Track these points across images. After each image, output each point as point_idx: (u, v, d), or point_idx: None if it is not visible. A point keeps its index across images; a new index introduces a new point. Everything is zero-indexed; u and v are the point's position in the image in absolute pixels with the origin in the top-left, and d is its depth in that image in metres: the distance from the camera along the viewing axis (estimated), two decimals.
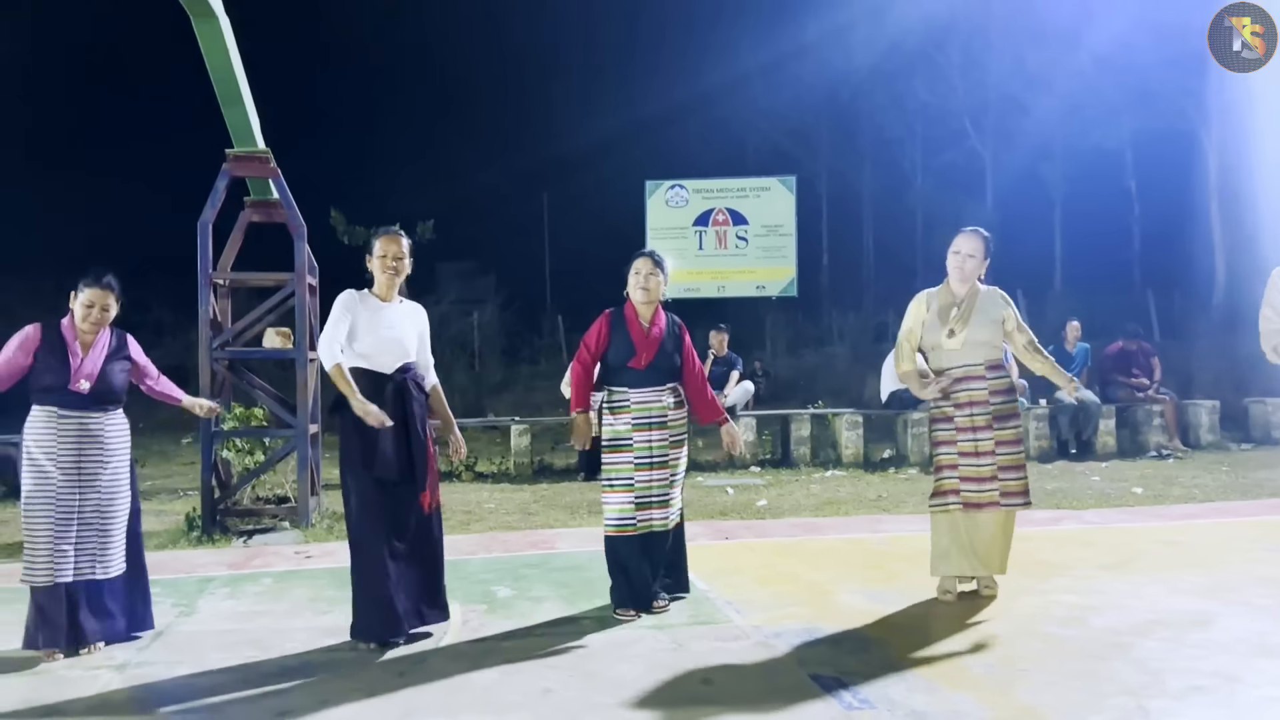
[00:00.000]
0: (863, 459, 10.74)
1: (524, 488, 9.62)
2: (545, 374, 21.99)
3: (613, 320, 4.82)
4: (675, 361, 4.82)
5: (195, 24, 6.43)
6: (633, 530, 4.67)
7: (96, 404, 4.30)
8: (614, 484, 4.72)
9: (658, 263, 4.82)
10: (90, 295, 4.29)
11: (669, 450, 4.73)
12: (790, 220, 16.61)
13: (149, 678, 3.91)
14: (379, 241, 4.46)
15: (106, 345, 4.38)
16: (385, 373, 4.37)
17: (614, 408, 4.77)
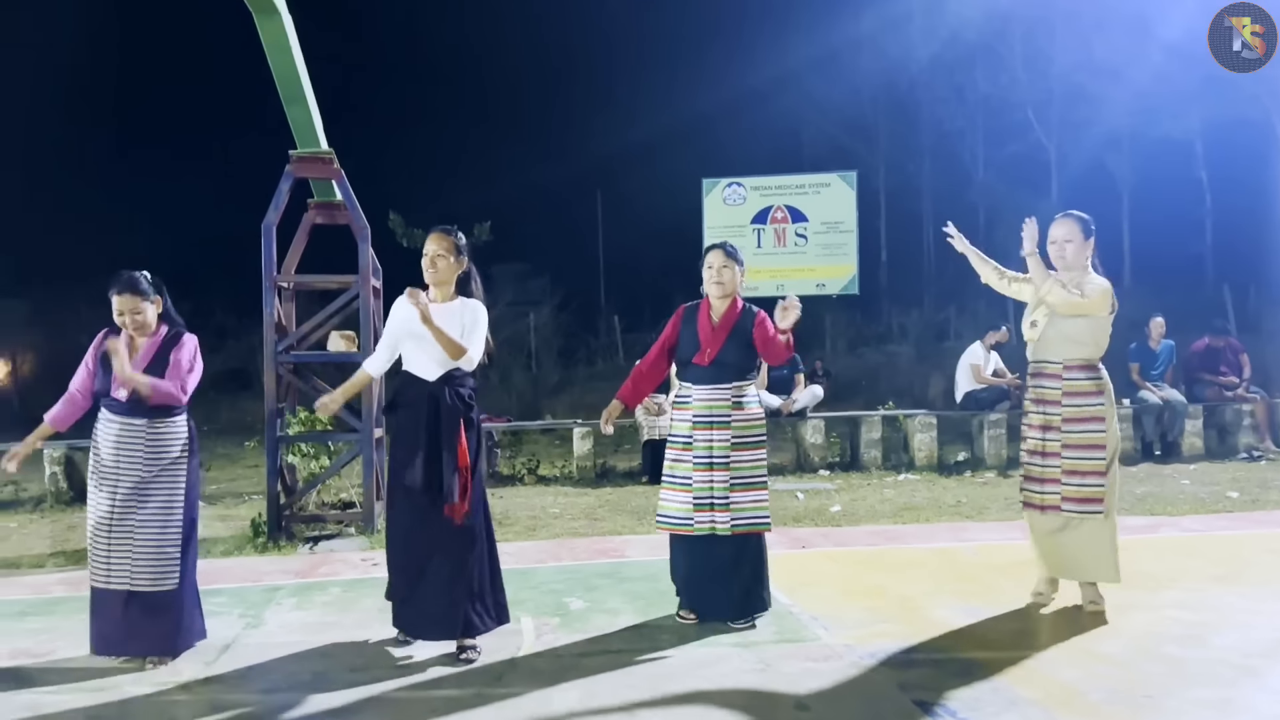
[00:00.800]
0: (936, 462, 10.39)
1: (588, 491, 9.44)
2: (602, 375, 21.87)
3: (686, 314, 4.69)
4: (745, 358, 4.58)
5: (258, 20, 6.34)
6: (690, 530, 4.49)
7: (134, 411, 4.15)
8: (672, 481, 4.58)
9: (730, 254, 4.62)
10: (118, 303, 4.17)
11: (731, 452, 4.50)
12: (851, 216, 16.24)
13: (216, 695, 3.78)
14: (426, 241, 4.35)
15: (154, 351, 4.23)
16: (426, 379, 4.23)
17: (678, 403, 4.66)
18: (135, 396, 4.13)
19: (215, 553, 6.69)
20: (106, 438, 4.17)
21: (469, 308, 4.33)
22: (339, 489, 8.00)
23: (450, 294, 4.35)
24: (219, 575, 5.90)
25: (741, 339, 4.56)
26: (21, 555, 6.82)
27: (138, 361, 4.19)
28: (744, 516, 4.49)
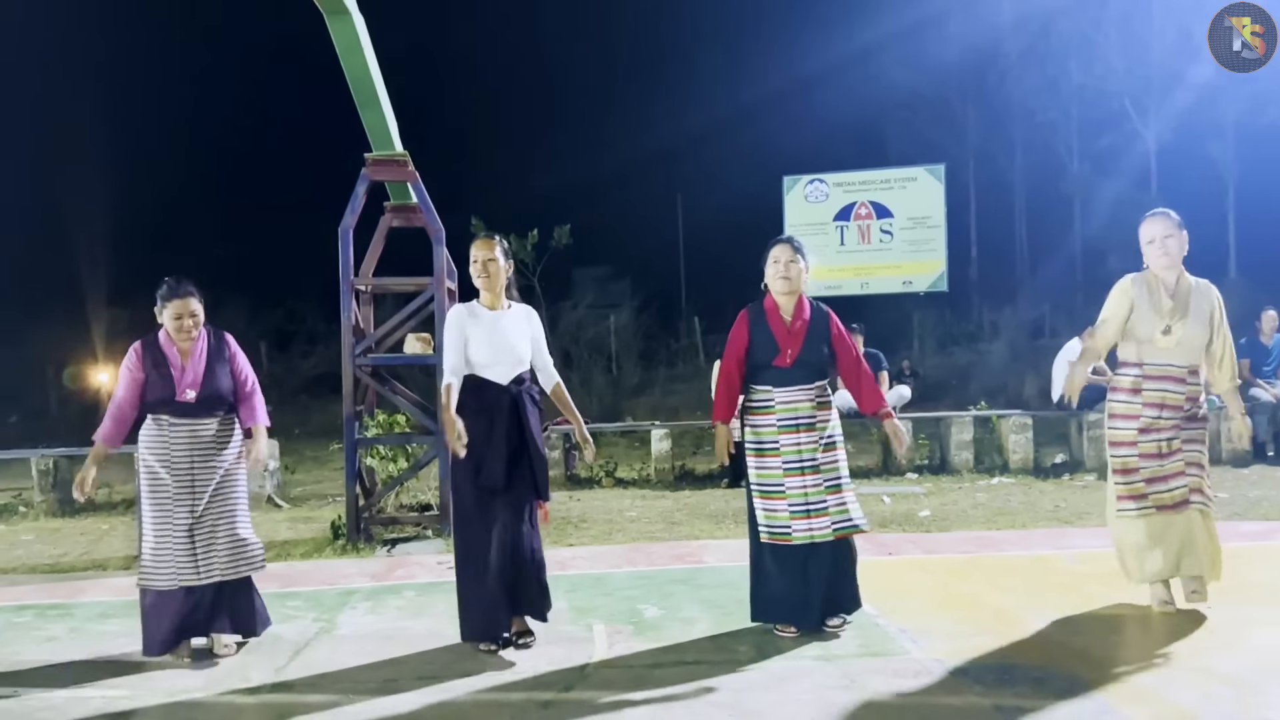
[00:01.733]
0: (1032, 465, 9.95)
1: (666, 495, 9.28)
2: (682, 376, 21.70)
3: (752, 316, 4.44)
4: (823, 358, 4.40)
5: (329, 22, 6.34)
6: (788, 539, 4.26)
7: (205, 410, 4.28)
8: (765, 490, 4.34)
9: (797, 249, 4.41)
10: (176, 307, 4.26)
11: (819, 454, 4.30)
12: (939, 211, 15.75)
13: (283, 701, 3.72)
14: (472, 247, 4.35)
15: (205, 350, 4.33)
16: (501, 383, 4.26)
17: (757, 408, 4.40)
18: (204, 396, 4.23)
19: (295, 555, 6.73)
20: (176, 442, 4.22)
21: (532, 315, 4.45)
22: (417, 491, 7.99)
23: (502, 299, 4.38)
24: (297, 578, 5.91)
25: (819, 338, 4.38)
26: (109, 557, 6.96)
27: (195, 362, 4.27)
28: (843, 519, 4.28)
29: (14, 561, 6.95)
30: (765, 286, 4.45)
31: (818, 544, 4.24)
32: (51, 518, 9.07)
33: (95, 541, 7.72)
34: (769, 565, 4.33)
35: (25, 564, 6.84)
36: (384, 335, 7.44)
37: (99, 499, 9.96)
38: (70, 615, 5.19)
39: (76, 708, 3.69)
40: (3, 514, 9.31)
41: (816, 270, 14.38)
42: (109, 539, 7.84)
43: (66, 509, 9.30)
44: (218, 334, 4.42)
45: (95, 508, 9.53)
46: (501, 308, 4.36)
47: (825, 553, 4.27)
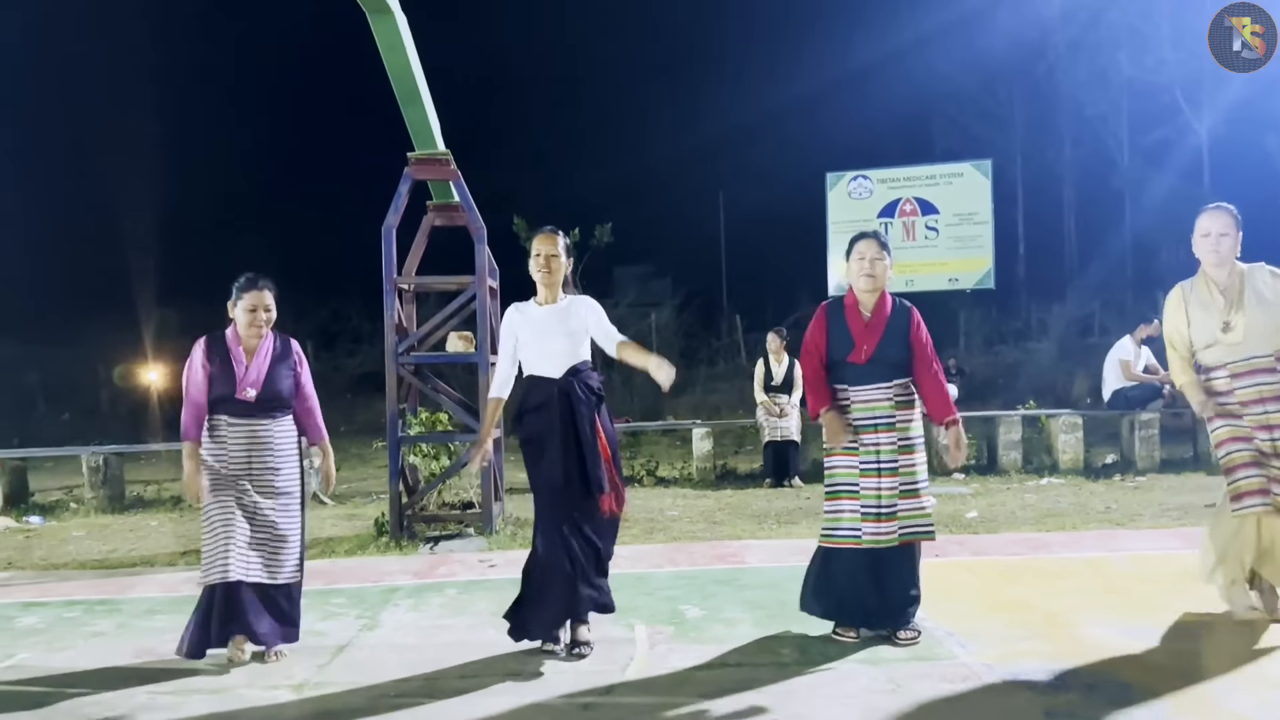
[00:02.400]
0: (1082, 465, 9.75)
1: (707, 494, 9.22)
2: (724, 375, 21.61)
3: (830, 312, 4.34)
4: (904, 354, 4.25)
5: (371, 21, 6.36)
6: (856, 543, 4.16)
7: (263, 410, 4.28)
8: (838, 490, 4.23)
9: (883, 245, 4.29)
10: (251, 299, 4.28)
11: (899, 455, 4.17)
12: (986, 207, 15.47)
13: (326, 699, 3.72)
14: (534, 241, 4.32)
15: (270, 351, 4.33)
16: (553, 377, 4.20)
17: (839, 408, 4.27)
18: (264, 396, 4.24)
19: (339, 552, 6.77)
20: (234, 440, 4.24)
21: (586, 303, 4.35)
22: (459, 489, 8.00)
23: (559, 294, 4.34)
24: (341, 575, 5.94)
25: (898, 335, 4.24)
26: (157, 553, 7.05)
27: (259, 361, 4.27)
28: (910, 525, 4.17)
29: (65, 557, 7.06)
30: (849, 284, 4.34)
31: (885, 548, 4.14)
32: (101, 514, 9.22)
33: (143, 538, 7.83)
34: (833, 566, 4.24)
35: (75, 559, 6.95)
36: (427, 334, 7.47)
37: (147, 496, 10.13)
38: (118, 611, 5.26)
39: (123, 703, 3.72)
40: (54, 510, 9.49)
41: None
42: (157, 535, 7.95)
43: (116, 505, 9.46)
44: (284, 339, 4.42)
45: (144, 504, 9.69)
46: (556, 302, 4.30)
47: (892, 557, 4.17)
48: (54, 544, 7.67)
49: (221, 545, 4.14)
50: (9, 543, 7.78)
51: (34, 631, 4.82)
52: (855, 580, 4.17)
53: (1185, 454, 10.41)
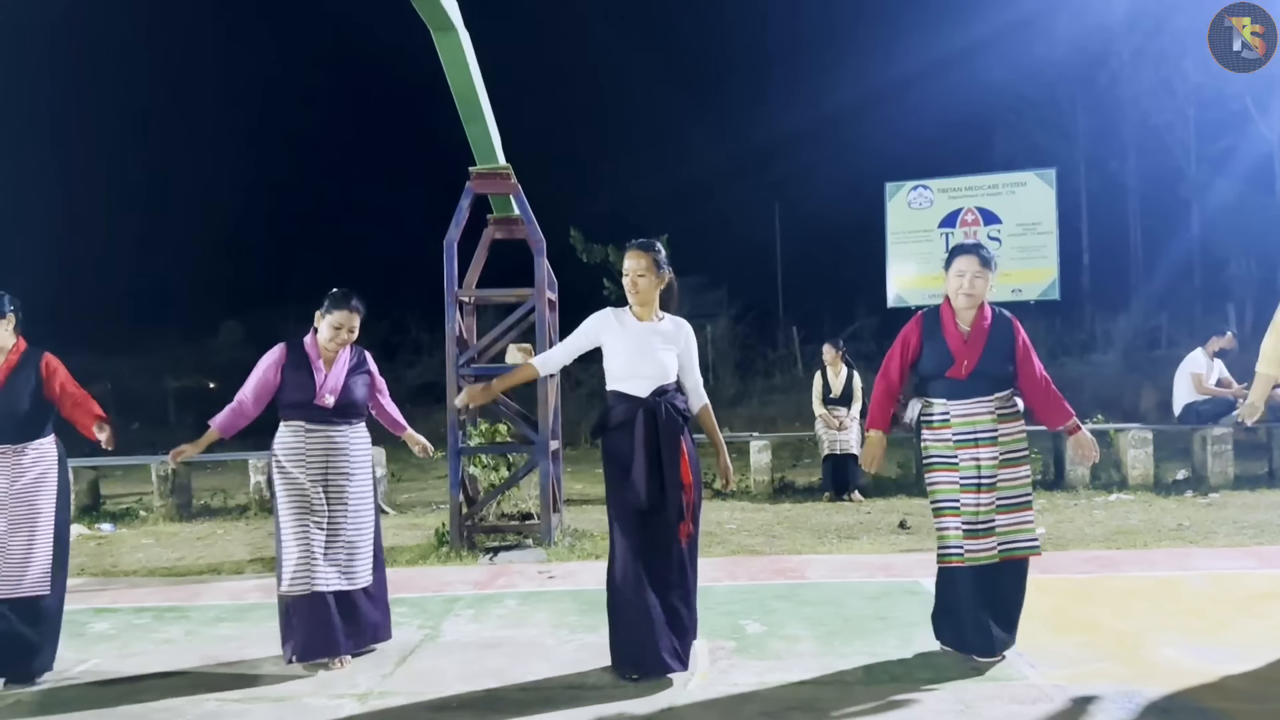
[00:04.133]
0: (1152, 481, 9.50)
1: (765, 507, 9.15)
2: (780, 387, 21.47)
3: (926, 324, 4.23)
4: (1006, 368, 4.14)
5: (436, 38, 6.45)
6: (959, 561, 4.06)
7: (341, 417, 4.38)
8: (942, 507, 4.14)
9: (985, 261, 4.12)
10: (339, 317, 4.38)
11: (999, 470, 4.07)
12: (1050, 217, 15.16)
13: (389, 708, 3.75)
14: (624, 257, 4.22)
15: (347, 361, 4.45)
16: (639, 396, 4.07)
17: (932, 422, 4.18)
18: (341, 403, 4.33)
19: (401, 561, 6.83)
20: (312, 448, 4.31)
21: (687, 328, 4.27)
22: (518, 500, 8.04)
23: (656, 312, 4.24)
24: (404, 583, 5.99)
25: (1000, 348, 4.12)
26: (223, 561, 7.19)
27: (337, 371, 4.37)
28: (1011, 540, 4.06)
29: (135, 564, 7.23)
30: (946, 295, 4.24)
31: (985, 565, 4.04)
32: (169, 522, 9.43)
33: (210, 546, 7.99)
34: (953, 588, 4.14)
35: (145, 567, 7.11)
36: (486, 345, 7.53)
37: (214, 504, 10.34)
38: (186, 618, 5.37)
39: (192, 710, 3.79)
40: (124, 518, 9.72)
41: (921, 279, 13.97)
42: (223, 543, 8.10)
43: (184, 513, 9.67)
44: (359, 351, 4.55)
45: (211, 513, 9.89)
46: (652, 319, 4.20)
47: (997, 575, 4.06)
48: (124, 551, 7.86)
49: (303, 557, 4.19)
50: (81, 549, 7.97)
51: (105, 637, 4.93)
52: (962, 598, 4.07)
53: (1260, 470, 10.09)
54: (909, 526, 7.57)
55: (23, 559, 4.17)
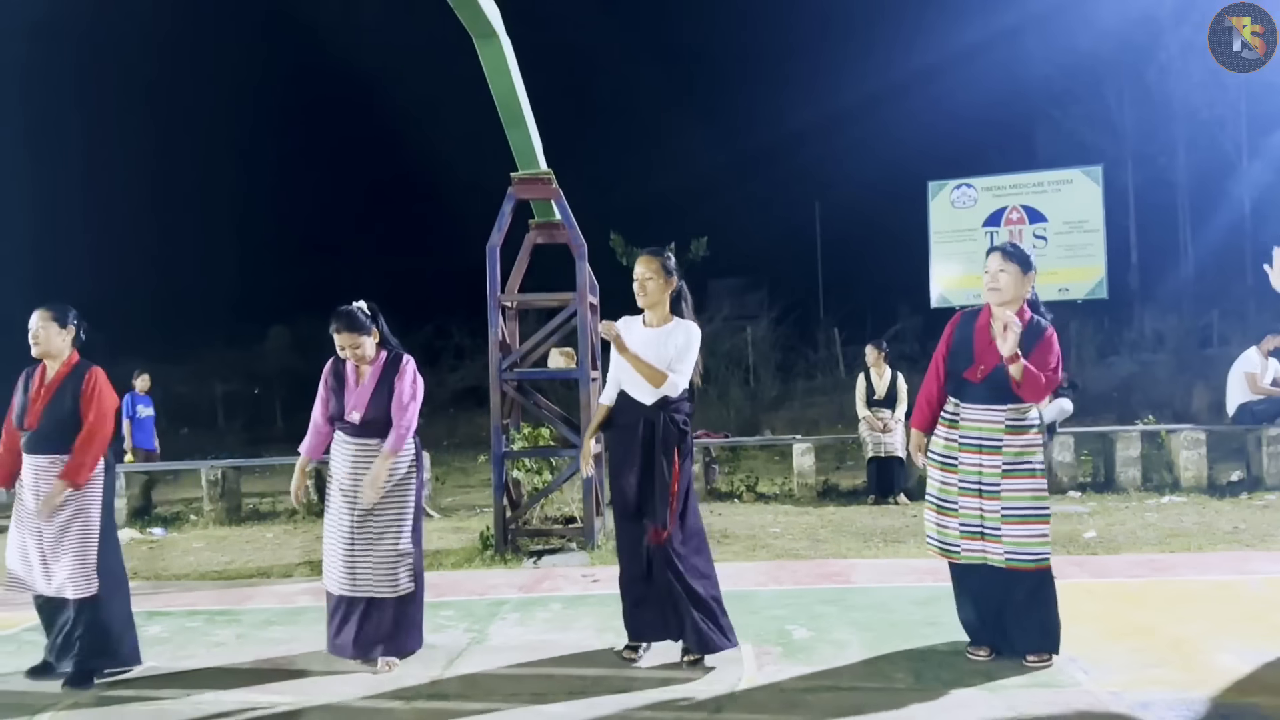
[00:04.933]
0: (1206, 483, 9.30)
1: (809, 510, 9.09)
2: (822, 389, 21.31)
3: (961, 322, 4.22)
4: None
5: (478, 45, 6.50)
6: (957, 558, 4.08)
7: (368, 432, 4.40)
8: (939, 504, 4.15)
9: (1009, 255, 4.11)
10: (339, 340, 4.42)
11: (1001, 480, 4.01)
12: (1097, 214, 14.95)
13: (438, 710, 3.78)
14: (635, 264, 4.36)
15: (378, 375, 4.45)
16: (643, 403, 4.24)
17: (945, 419, 4.18)
18: (368, 418, 4.36)
19: (447, 565, 6.88)
20: (343, 459, 4.40)
21: (681, 329, 4.31)
22: (561, 503, 8.07)
23: (664, 315, 4.33)
24: (449, 587, 6.04)
25: (1025, 356, 4.03)
26: (273, 564, 7.28)
27: (364, 386, 4.41)
28: (1019, 551, 3.99)
29: (186, 568, 7.35)
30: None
31: (995, 568, 4.02)
32: (220, 526, 9.57)
33: (259, 549, 8.10)
34: (960, 584, 4.19)
35: (196, 570, 7.23)
36: (529, 350, 7.56)
37: (263, 508, 10.49)
38: (238, 621, 5.44)
39: (244, 713, 3.84)
40: (175, 522, 9.89)
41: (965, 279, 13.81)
42: (272, 547, 8.21)
43: (233, 517, 9.81)
44: (396, 358, 4.50)
45: (260, 517, 10.03)
46: (662, 324, 4.30)
47: (1019, 578, 4.01)
48: (176, 555, 7.99)
49: (331, 559, 4.38)
50: (134, 553, 8.12)
51: (159, 640, 5.02)
52: (984, 598, 4.08)
53: None
54: None
55: (74, 562, 4.27)
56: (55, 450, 4.34)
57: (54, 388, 4.38)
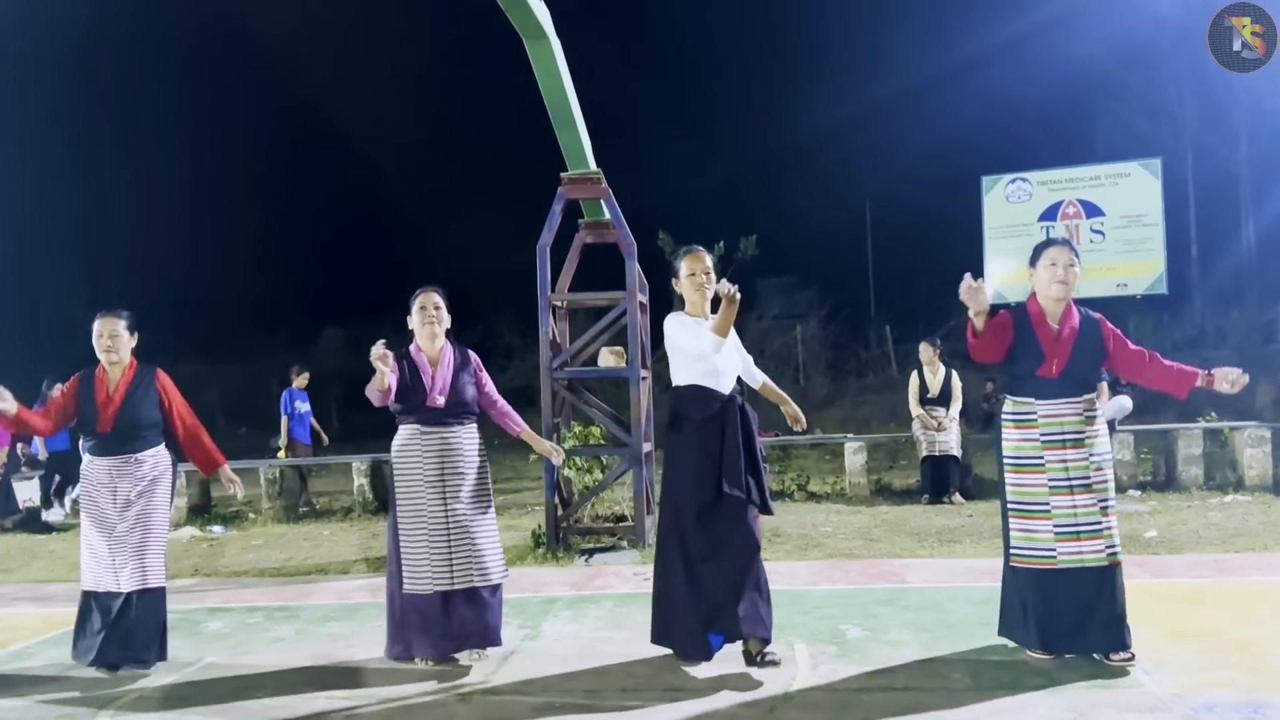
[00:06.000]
0: (1271, 481, 9.06)
1: (861, 510, 9.01)
2: (873, 387, 21.13)
3: (1017, 320, 4.15)
4: (1094, 370, 4.11)
5: (528, 46, 6.54)
6: (1054, 563, 4.00)
7: (452, 417, 4.46)
8: (1025, 509, 4.07)
9: (1075, 251, 4.13)
10: (421, 299, 4.53)
11: (1090, 473, 4.00)
12: (1156, 208, 14.63)
13: (494, 708, 3.81)
14: (685, 261, 4.38)
15: (452, 361, 4.54)
16: (724, 392, 4.27)
17: (1019, 420, 4.12)
18: (451, 402, 4.42)
19: None
20: (428, 448, 4.41)
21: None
22: (612, 502, 8.09)
23: (707, 310, 4.42)
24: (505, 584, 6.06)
25: (1089, 348, 4.06)
26: (330, 561, 7.40)
27: (442, 371, 4.49)
28: (1114, 544, 4.01)
29: (246, 565, 7.50)
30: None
31: (1088, 568, 3.97)
32: (278, 524, 9.75)
33: (317, 546, 8.24)
34: (1024, 587, 4.08)
35: (255, 567, 7.37)
36: (579, 349, 7.59)
37: (320, 506, 10.65)
38: (296, 617, 5.54)
39: (303, 706, 3.91)
40: (235, 520, 10.09)
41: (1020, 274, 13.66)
42: (329, 544, 8.34)
43: (291, 515, 9.98)
44: (463, 351, 4.65)
45: (317, 515, 10.20)
46: (707, 318, 4.36)
47: (1096, 579, 3.98)
48: (235, 552, 8.15)
49: (421, 558, 4.31)
50: (195, 551, 8.31)
51: (220, 636, 5.12)
52: (1055, 601, 4.00)
53: None
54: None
55: (144, 555, 4.46)
56: (130, 450, 4.53)
57: (124, 392, 4.56)
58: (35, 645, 5.14)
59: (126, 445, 4.52)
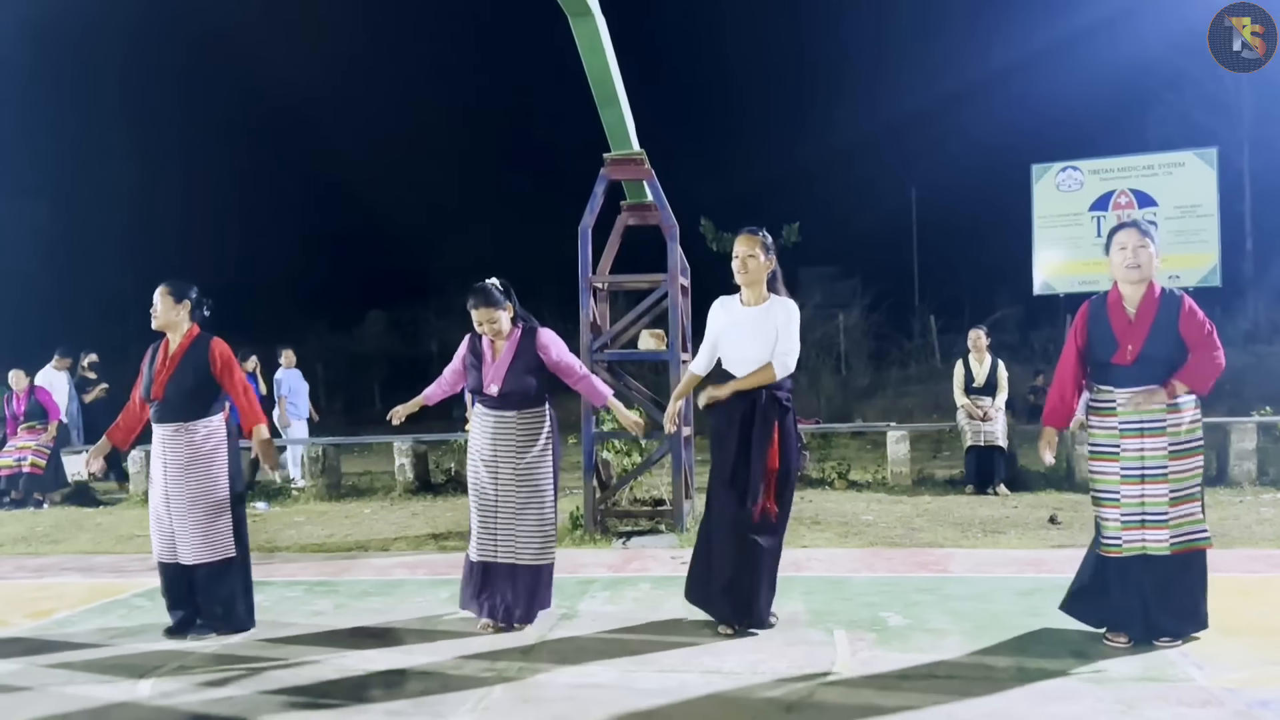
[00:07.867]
0: None
1: (903, 499, 8.90)
2: (916, 378, 20.89)
3: (1092, 310, 4.10)
4: (1174, 351, 3.93)
5: (573, 24, 6.49)
6: (1118, 551, 3.95)
7: (506, 404, 4.58)
8: (1100, 498, 4.04)
9: (1145, 232, 4.00)
10: (477, 315, 4.60)
11: (1168, 461, 3.91)
12: (1211, 199, 14.25)
13: (530, 684, 3.80)
14: (735, 243, 4.42)
15: (514, 349, 4.61)
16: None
17: (1099, 409, 4.06)
18: (505, 390, 4.55)
19: None
20: (483, 430, 4.62)
21: (780, 305, 4.39)
22: (650, 486, 8.06)
23: (761, 294, 4.42)
24: None
25: (1166, 330, 3.93)
26: (370, 539, 7.45)
27: (501, 360, 4.59)
28: (1183, 533, 3.91)
29: (288, 540, 7.58)
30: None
31: (1150, 556, 3.91)
32: (320, 501, 9.84)
33: (357, 524, 8.31)
34: (1107, 572, 4.05)
35: (297, 543, 7.44)
36: (620, 331, 7.56)
37: (360, 485, 10.75)
38: (335, 591, 5.58)
39: (343, 674, 3.94)
40: (278, 497, 10.21)
41: (1070, 265, 13.38)
42: (370, 522, 8.41)
43: (333, 493, 10.08)
44: (530, 332, 4.68)
45: (358, 493, 10.29)
46: (759, 302, 4.38)
47: (1160, 567, 3.92)
48: (278, 528, 8.24)
49: (476, 527, 4.57)
50: None
51: (261, 609, 5.11)
52: (1128, 586, 3.96)
53: None
54: (1059, 522, 7.22)
55: (206, 528, 4.52)
56: (180, 418, 4.58)
57: (177, 360, 4.62)
58: (80, 613, 5.23)
59: (178, 413, 4.57)
